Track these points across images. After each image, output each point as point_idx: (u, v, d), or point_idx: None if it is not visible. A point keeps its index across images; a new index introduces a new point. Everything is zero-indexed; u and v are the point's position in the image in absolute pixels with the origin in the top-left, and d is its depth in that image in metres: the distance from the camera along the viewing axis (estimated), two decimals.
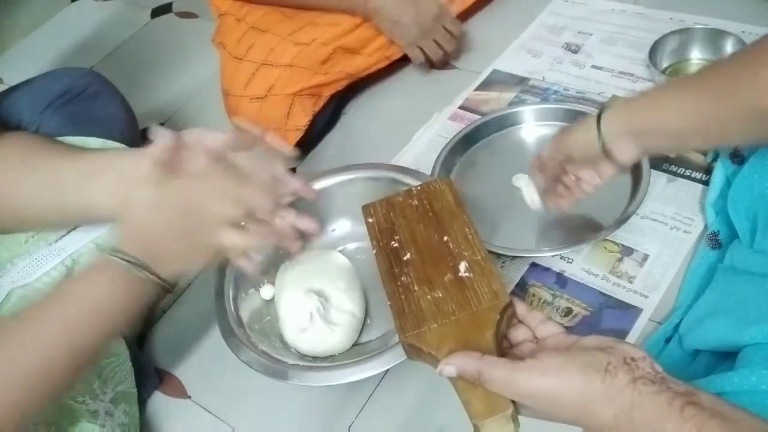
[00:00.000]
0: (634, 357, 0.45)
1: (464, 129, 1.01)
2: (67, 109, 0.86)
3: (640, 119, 0.67)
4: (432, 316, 0.55)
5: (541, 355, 0.46)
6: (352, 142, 1.15)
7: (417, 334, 0.54)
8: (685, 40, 1.04)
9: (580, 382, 0.44)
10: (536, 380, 0.45)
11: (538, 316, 0.54)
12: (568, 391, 0.44)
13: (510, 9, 1.28)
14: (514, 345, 0.53)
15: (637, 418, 0.42)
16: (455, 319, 0.54)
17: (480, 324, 0.53)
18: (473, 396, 0.47)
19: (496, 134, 1.02)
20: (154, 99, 1.36)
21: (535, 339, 0.53)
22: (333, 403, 0.81)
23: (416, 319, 0.55)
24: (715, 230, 0.81)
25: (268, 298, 0.84)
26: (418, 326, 0.54)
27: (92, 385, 0.76)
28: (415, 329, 0.54)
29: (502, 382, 0.46)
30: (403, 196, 0.68)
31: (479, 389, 0.47)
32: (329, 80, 1.11)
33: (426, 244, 0.62)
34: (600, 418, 0.43)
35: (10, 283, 0.75)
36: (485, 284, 0.56)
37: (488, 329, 0.52)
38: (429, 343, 0.53)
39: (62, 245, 0.77)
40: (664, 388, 0.42)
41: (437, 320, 0.54)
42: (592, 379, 0.43)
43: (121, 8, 1.73)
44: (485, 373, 0.46)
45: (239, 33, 1.15)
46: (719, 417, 0.40)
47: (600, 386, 0.43)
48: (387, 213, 0.67)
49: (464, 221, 0.63)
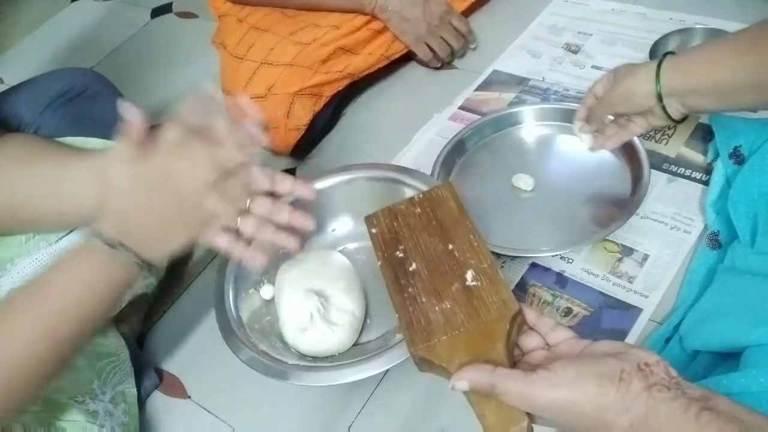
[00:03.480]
0: (648, 362, 0.44)
1: (464, 129, 1.01)
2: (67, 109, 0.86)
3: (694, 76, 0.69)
4: (441, 329, 0.54)
5: (554, 366, 0.45)
6: (352, 142, 1.15)
7: (427, 347, 0.53)
8: (685, 40, 1.04)
9: (594, 392, 0.43)
10: (550, 392, 0.44)
11: (549, 322, 0.53)
12: (583, 402, 0.43)
13: (510, 9, 1.28)
14: (525, 352, 0.53)
15: (653, 426, 0.42)
16: (465, 330, 0.53)
17: (490, 334, 0.52)
18: (487, 409, 0.47)
19: (496, 134, 1.02)
20: (154, 99, 1.36)
21: (547, 345, 0.52)
22: (333, 403, 0.81)
23: (425, 332, 0.54)
24: (715, 230, 0.81)
25: (268, 298, 0.84)
26: (428, 339, 0.54)
27: (91, 385, 0.76)
28: (425, 342, 0.54)
29: (517, 395, 0.45)
30: (406, 204, 0.68)
31: (493, 402, 0.47)
32: (329, 80, 1.11)
33: (431, 253, 0.61)
34: (616, 427, 0.43)
35: (10, 283, 0.75)
36: (493, 293, 0.55)
37: (499, 339, 0.51)
38: (440, 355, 0.52)
39: (62, 245, 0.77)
40: (679, 394, 0.42)
41: (447, 332, 0.54)
42: (607, 389, 0.43)
43: (121, 8, 1.73)
44: (499, 386, 0.46)
45: (240, 33, 1.15)
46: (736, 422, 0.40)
47: (615, 395, 0.43)
48: (390, 223, 0.66)
49: (468, 228, 0.62)
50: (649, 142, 0.95)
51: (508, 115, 1.02)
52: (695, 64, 0.70)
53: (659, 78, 0.71)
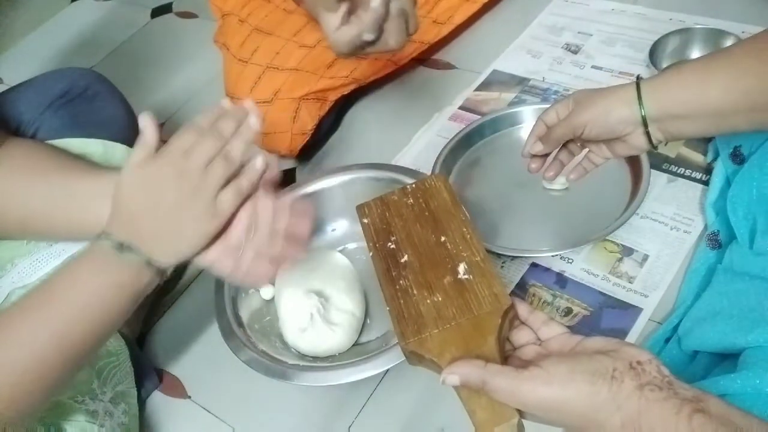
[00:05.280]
0: (640, 360, 0.44)
1: (464, 129, 1.01)
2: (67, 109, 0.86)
3: (679, 101, 0.64)
4: (432, 322, 0.54)
5: (545, 363, 0.45)
6: (352, 143, 1.15)
7: (418, 340, 0.53)
8: (685, 41, 1.04)
9: (586, 390, 0.43)
10: (542, 390, 0.44)
11: (541, 317, 0.53)
12: (574, 401, 0.43)
13: (510, 9, 1.28)
14: (517, 347, 0.53)
15: (645, 427, 0.41)
16: (456, 324, 0.53)
17: (482, 328, 0.52)
18: (477, 405, 0.47)
19: (496, 134, 1.02)
20: (154, 99, 1.36)
21: (539, 341, 0.52)
22: (333, 403, 0.81)
23: (416, 325, 0.54)
24: (715, 230, 0.81)
25: (268, 298, 0.84)
26: (419, 332, 0.53)
27: (91, 385, 0.76)
28: (415, 336, 0.53)
29: (507, 392, 0.45)
30: (398, 194, 0.67)
31: (484, 398, 0.46)
32: (335, 85, 1.10)
33: (423, 245, 0.61)
34: (607, 426, 0.43)
35: (11, 284, 0.75)
36: (485, 287, 0.55)
37: (490, 333, 0.51)
38: (430, 349, 0.52)
39: (63, 246, 0.77)
40: (671, 395, 0.42)
41: (438, 326, 0.53)
42: (599, 388, 0.43)
43: (121, 8, 1.73)
44: (489, 383, 0.46)
45: (243, 35, 1.14)
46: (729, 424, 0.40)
47: (606, 394, 0.43)
48: (382, 213, 0.65)
49: (461, 220, 0.62)
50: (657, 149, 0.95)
51: (508, 115, 1.02)
52: (683, 86, 0.65)
53: (642, 102, 0.66)
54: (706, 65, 0.65)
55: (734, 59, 0.63)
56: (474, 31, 1.24)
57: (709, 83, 0.63)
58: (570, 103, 0.72)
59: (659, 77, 0.68)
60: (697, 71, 0.65)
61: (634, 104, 0.66)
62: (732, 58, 0.64)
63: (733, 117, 0.63)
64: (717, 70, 0.63)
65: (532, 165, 0.78)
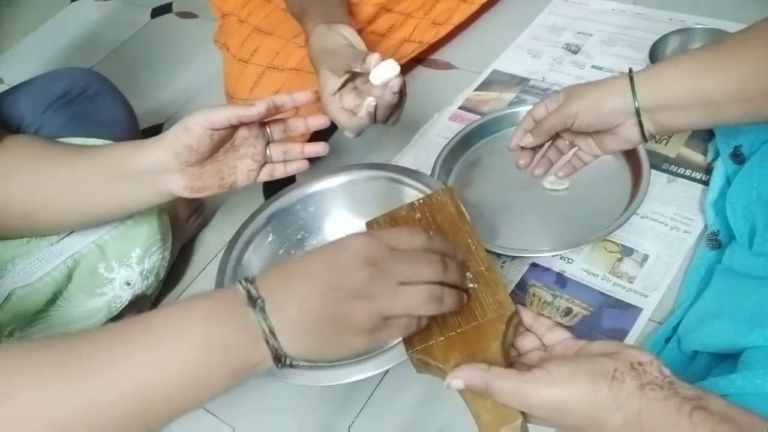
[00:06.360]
0: (641, 361, 0.45)
1: (464, 129, 1.01)
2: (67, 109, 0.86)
3: (672, 91, 0.64)
4: (438, 330, 0.55)
5: (548, 365, 0.46)
6: (352, 143, 1.15)
7: (424, 348, 0.54)
8: (685, 41, 1.04)
9: (587, 390, 0.43)
10: (544, 391, 0.45)
11: (546, 323, 0.54)
12: (575, 400, 0.44)
13: (510, 9, 1.28)
14: (522, 354, 0.53)
15: (645, 425, 0.42)
16: (461, 332, 0.54)
17: (486, 335, 0.53)
18: (482, 408, 0.48)
19: (496, 134, 1.02)
20: (155, 99, 1.36)
21: (543, 347, 0.53)
22: (333, 403, 0.81)
23: (422, 334, 0.55)
24: (715, 230, 0.81)
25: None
26: (425, 340, 0.55)
27: None
28: (421, 343, 0.55)
29: (510, 394, 0.46)
30: (406, 209, 0.68)
31: (488, 401, 0.47)
32: None
33: None
34: (608, 425, 0.43)
35: (11, 283, 0.75)
36: (490, 294, 0.56)
37: (494, 340, 0.52)
38: (436, 356, 0.53)
39: (63, 246, 0.77)
40: (672, 393, 0.42)
41: (443, 333, 0.55)
42: (600, 387, 0.43)
43: (121, 8, 1.73)
44: (493, 385, 0.46)
45: (243, 35, 1.14)
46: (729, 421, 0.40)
47: (607, 394, 0.43)
48: (391, 228, 0.67)
49: (467, 232, 0.63)
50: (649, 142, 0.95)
51: (508, 115, 1.02)
52: (676, 76, 0.65)
53: (635, 92, 0.65)
54: (700, 56, 0.65)
55: (728, 49, 0.63)
56: (474, 30, 1.24)
57: (703, 73, 0.63)
58: (560, 96, 0.72)
59: (653, 68, 0.68)
60: (691, 62, 0.65)
61: (627, 94, 0.66)
62: (726, 49, 0.64)
63: (726, 107, 0.63)
64: (711, 60, 0.64)
65: (521, 161, 0.78)
